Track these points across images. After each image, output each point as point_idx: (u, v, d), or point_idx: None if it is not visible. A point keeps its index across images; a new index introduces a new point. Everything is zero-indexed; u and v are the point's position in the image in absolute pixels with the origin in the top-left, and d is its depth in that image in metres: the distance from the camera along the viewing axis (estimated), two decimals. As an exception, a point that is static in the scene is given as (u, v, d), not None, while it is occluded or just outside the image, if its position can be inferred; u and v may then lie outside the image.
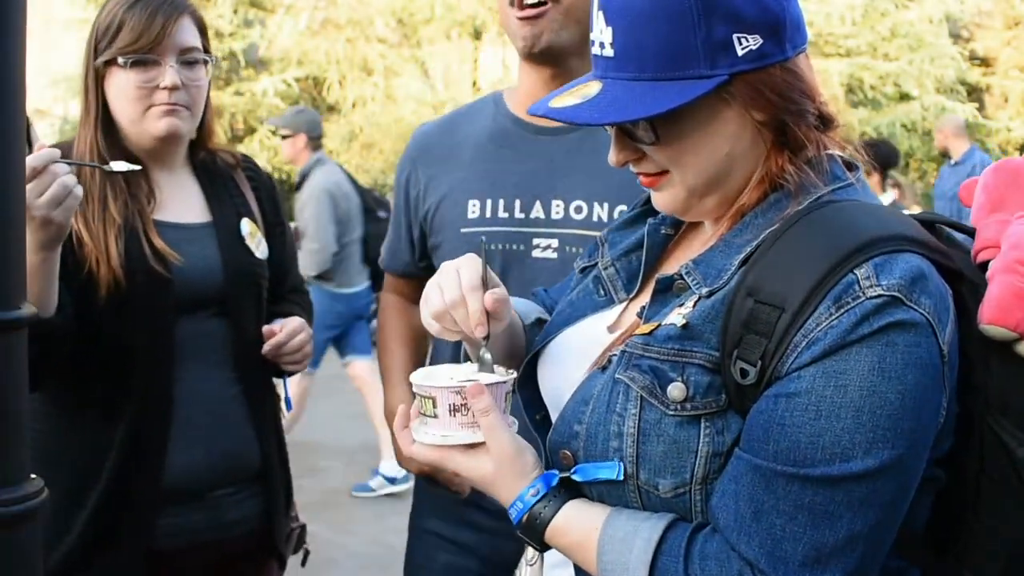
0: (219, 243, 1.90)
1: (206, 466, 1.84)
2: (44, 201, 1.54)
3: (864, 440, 0.95)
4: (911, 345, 0.96)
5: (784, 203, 1.07)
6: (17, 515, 0.91)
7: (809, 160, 1.09)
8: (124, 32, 1.78)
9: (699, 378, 1.02)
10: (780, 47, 1.06)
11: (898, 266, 0.97)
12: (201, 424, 1.84)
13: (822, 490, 0.96)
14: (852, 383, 0.95)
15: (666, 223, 1.26)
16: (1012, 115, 15.13)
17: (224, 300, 1.88)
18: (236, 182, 2.02)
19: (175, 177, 1.93)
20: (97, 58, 1.81)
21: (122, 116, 1.84)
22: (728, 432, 1.02)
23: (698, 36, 1.03)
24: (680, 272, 1.09)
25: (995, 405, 1.02)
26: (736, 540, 0.99)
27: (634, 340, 1.08)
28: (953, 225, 1.16)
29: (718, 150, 1.08)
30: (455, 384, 1.13)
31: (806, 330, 0.97)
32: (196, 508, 1.85)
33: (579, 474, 1.09)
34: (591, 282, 1.29)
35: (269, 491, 1.96)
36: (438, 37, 14.42)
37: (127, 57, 1.78)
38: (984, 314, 1.02)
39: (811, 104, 1.09)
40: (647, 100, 1.05)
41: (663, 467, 1.03)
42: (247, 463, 1.92)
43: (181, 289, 1.81)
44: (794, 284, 0.98)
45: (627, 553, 1.03)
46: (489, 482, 1.12)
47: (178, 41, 1.81)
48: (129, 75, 1.79)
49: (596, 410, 1.08)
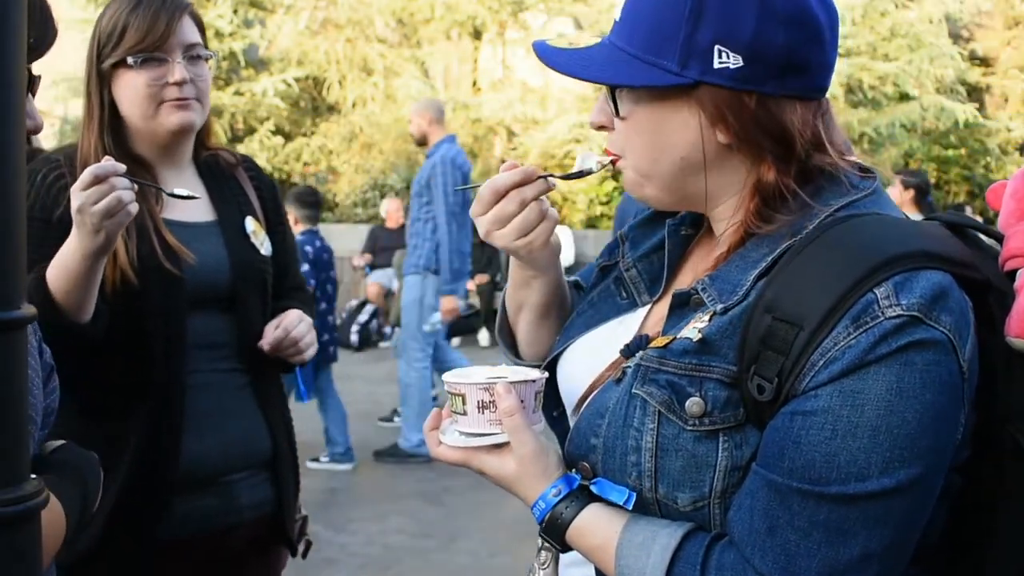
0: (226, 241, 1.96)
1: (219, 452, 1.91)
2: (98, 209, 1.59)
3: (880, 460, 0.94)
4: (930, 364, 0.95)
5: (796, 222, 1.05)
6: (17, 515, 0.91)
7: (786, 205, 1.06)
8: (130, 33, 1.83)
9: (717, 393, 1.02)
10: (761, 79, 1.03)
11: (919, 284, 0.96)
12: (213, 413, 1.91)
13: (837, 508, 0.95)
14: (869, 403, 0.94)
15: (685, 222, 1.25)
16: (1012, 115, 15.13)
17: (232, 296, 1.94)
18: (238, 181, 2.07)
19: (181, 176, 1.98)
20: (102, 62, 1.86)
21: (133, 115, 1.88)
22: (746, 446, 1.02)
23: (682, 31, 1.03)
24: (695, 288, 1.09)
25: (1018, 414, 1.02)
26: (751, 554, 0.99)
27: (649, 354, 1.07)
28: (982, 230, 1.15)
29: (670, 151, 1.09)
30: (484, 381, 1.14)
31: (823, 349, 0.96)
32: (210, 493, 1.91)
33: (597, 487, 1.10)
34: (612, 283, 1.28)
35: (280, 478, 2.02)
36: (438, 37, 14.43)
37: (137, 56, 1.83)
38: (1012, 327, 1.02)
39: (780, 149, 1.05)
40: (608, 69, 1.07)
41: (682, 481, 1.03)
42: (258, 449, 1.98)
43: (192, 286, 1.86)
44: (813, 302, 0.97)
45: (644, 559, 1.03)
46: (513, 481, 1.13)
47: (182, 38, 1.87)
48: (139, 74, 1.84)
49: (612, 424, 1.08)
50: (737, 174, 1.09)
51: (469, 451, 1.16)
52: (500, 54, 15.09)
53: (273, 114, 14.01)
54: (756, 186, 1.08)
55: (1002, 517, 1.03)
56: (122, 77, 1.86)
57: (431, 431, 1.20)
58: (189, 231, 1.91)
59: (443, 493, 5.34)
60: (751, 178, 1.09)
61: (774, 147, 1.05)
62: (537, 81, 14.38)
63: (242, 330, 1.96)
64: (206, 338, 1.91)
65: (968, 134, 14.33)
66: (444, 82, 14.76)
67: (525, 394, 1.14)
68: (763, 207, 1.07)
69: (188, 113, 1.88)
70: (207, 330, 1.91)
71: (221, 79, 13.61)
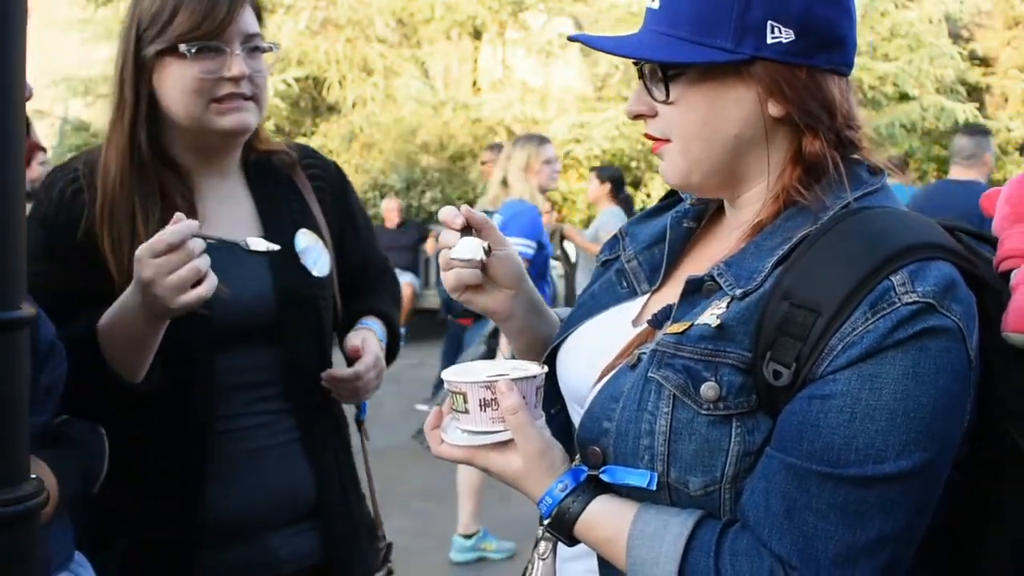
0: (270, 264, 1.69)
1: (248, 503, 1.69)
2: (171, 283, 1.39)
3: (898, 442, 0.96)
4: (943, 351, 0.98)
5: (806, 213, 1.08)
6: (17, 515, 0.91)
7: (825, 176, 1.10)
8: (181, 16, 1.58)
9: (732, 378, 1.03)
10: (812, 52, 1.07)
11: (932, 274, 0.99)
12: (242, 460, 1.68)
13: (855, 490, 0.97)
14: (887, 386, 0.97)
15: (688, 216, 1.28)
16: (1012, 115, 15.13)
17: (275, 328, 1.69)
18: (296, 184, 1.81)
19: (226, 185, 1.74)
20: (143, 48, 1.61)
21: (177, 112, 1.63)
22: (758, 432, 1.03)
23: (735, 10, 1.06)
24: (711, 273, 1.11)
25: (1016, 413, 1.03)
26: (768, 537, 1.00)
27: (665, 339, 1.09)
28: (973, 234, 1.18)
29: (724, 129, 1.11)
30: (485, 379, 1.14)
31: (842, 334, 0.98)
32: (238, 547, 1.70)
33: (608, 475, 1.10)
34: (613, 275, 1.30)
35: (326, 526, 1.78)
36: (438, 37, 14.42)
37: (190, 44, 1.58)
38: (1008, 322, 1.04)
39: (828, 119, 1.10)
40: (661, 50, 1.09)
41: (694, 465, 1.04)
42: (298, 498, 1.74)
43: (223, 324, 1.63)
44: (830, 289, 1.00)
45: (657, 548, 1.04)
46: (519, 478, 1.14)
47: (243, 26, 1.62)
48: (191, 65, 1.59)
49: (627, 408, 1.09)
50: (781, 150, 1.12)
51: (473, 449, 1.16)
52: (500, 54, 15.08)
53: (273, 114, 13.98)
54: (796, 157, 1.11)
55: (997, 514, 1.05)
56: (168, 67, 1.60)
57: (432, 429, 1.21)
58: (226, 254, 1.60)
59: (444, 492, 5.34)
60: (791, 150, 1.12)
61: (824, 116, 1.09)
62: (537, 81, 14.38)
63: (289, 366, 1.71)
64: (245, 377, 1.68)
65: (968, 134, 14.32)
66: (444, 82, 14.76)
67: (526, 390, 1.15)
68: (804, 176, 1.10)
69: (243, 115, 1.64)
70: (246, 367, 1.68)
71: (221, 79, 13.61)
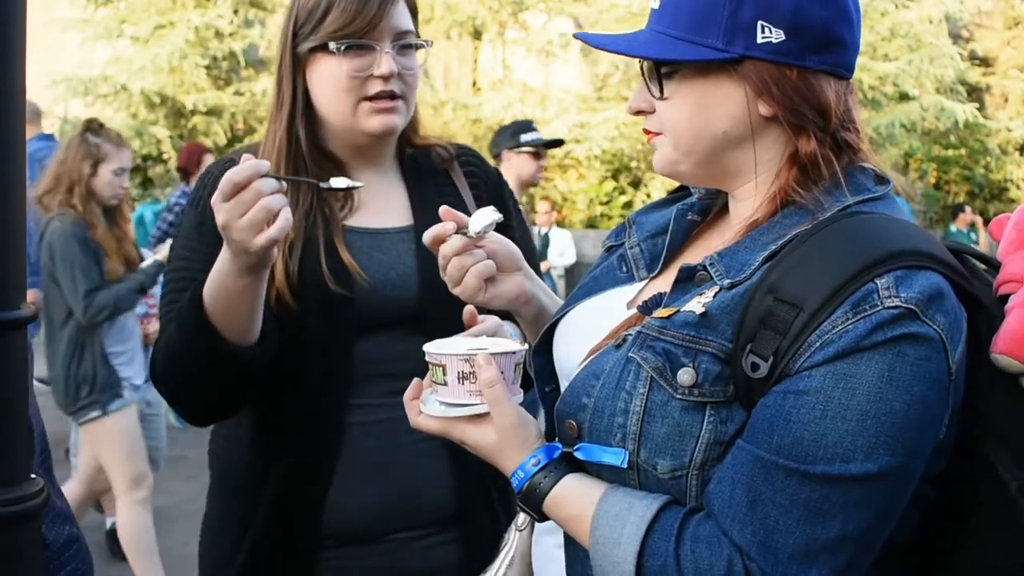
0: (417, 250, 1.65)
1: (381, 504, 1.61)
2: (244, 224, 1.35)
3: (866, 444, 0.97)
4: (921, 359, 0.98)
5: (804, 213, 1.09)
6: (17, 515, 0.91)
7: (824, 179, 1.10)
8: (334, 13, 1.58)
9: (710, 366, 1.04)
10: (803, 52, 1.08)
11: (918, 281, 0.99)
12: (377, 457, 1.61)
13: (820, 487, 0.97)
14: (861, 387, 0.97)
15: (693, 209, 1.29)
16: (1012, 115, 15.15)
17: (419, 316, 1.63)
18: (451, 178, 1.79)
19: (381, 177, 1.73)
20: (299, 44, 1.63)
21: (328, 109, 1.64)
22: (731, 423, 1.04)
23: (726, 10, 1.08)
24: (704, 263, 1.12)
25: (996, 435, 1.04)
26: (729, 526, 1.00)
27: (651, 322, 1.10)
28: (980, 257, 1.18)
29: (712, 125, 1.12)
30: (464, 352, 1.16)
31: (821, 331, 0.99)
32: (369, 552, 1.62)
33: (582, 452, 1.12)
34: (615, 260, 1.32)
35: (469, 537, 1.66)
36: (438, 37, 14.42)
37: (340, 42, 1.58)
38: (998, 344, 1.04)
39: (820, 120, 1.10)
40: (655, 47, 1.12)
41: (664, 448, 1.05)
42: (435, 503, 1.65)
43: (364, 308, 1.60)
44: (815, 286, 1.00)
45: (620, 528, 1.05)
46: (493, 451, 1.16)
47: (395, 23, 1.61)
48: (341, 62, 1.59)
49: (606, 385, 1.11)
50: (773, 149, 1.14)
51: (449, 421, 1.18)
52: (500, 54, 15.10)
53: (273, 113, 13.98)
54: (793, 157, 1.12)
55: (971, 536, 1.05)
56: (320, 63, 1.61)
57: (411, 400, 1.23)
58: (374, 240, 1.62)
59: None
60: (787, 151, 1.13)
61: (815, 117, 1.10)
62: (537, 81, 14.39)
63: None
64: (383, 366, 1.61)
65: (968, 134, 14.35)
66: (444, 82, 14.77)
67: (505, 365, 1.16)
68: (801, 177, 1.11)
69: (390, 117, 1.63)
70: (385, 356, 1.62)
71: (221, 79, 13.61)
